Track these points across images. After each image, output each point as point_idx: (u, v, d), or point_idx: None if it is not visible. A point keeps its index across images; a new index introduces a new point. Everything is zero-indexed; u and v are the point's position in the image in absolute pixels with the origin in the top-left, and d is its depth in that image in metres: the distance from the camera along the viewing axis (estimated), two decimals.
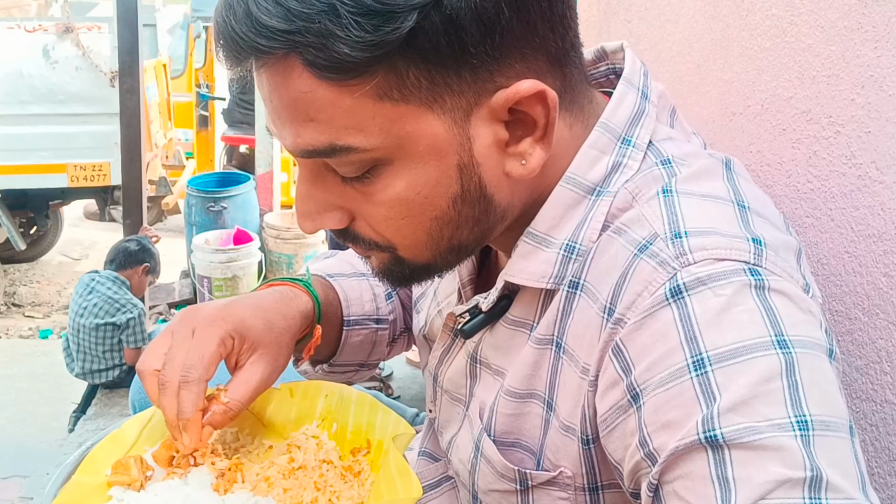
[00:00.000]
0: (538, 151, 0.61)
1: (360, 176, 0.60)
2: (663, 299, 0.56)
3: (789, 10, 0.87)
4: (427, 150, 0.59)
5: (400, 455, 0.74)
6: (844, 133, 0.78)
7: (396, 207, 0.61)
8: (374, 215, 0.63)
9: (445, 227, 0.63)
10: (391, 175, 0.60)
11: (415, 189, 0.60)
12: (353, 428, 0.81)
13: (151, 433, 0.78)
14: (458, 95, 0.57)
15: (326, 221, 0.65)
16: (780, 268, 0.57)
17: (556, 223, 0.65)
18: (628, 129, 0.66)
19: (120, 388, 3.19)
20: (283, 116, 0.59)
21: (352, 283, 0.93)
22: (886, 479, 0.74)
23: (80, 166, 4.94)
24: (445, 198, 0.61)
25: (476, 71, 0.57)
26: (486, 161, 0.61)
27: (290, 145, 0.60)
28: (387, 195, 0.61)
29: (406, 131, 0.58)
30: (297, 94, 0.56)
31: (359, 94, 0.55)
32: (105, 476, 0.72)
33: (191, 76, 6.90)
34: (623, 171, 0.65)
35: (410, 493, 0.69)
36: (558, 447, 0.67)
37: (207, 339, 0.71)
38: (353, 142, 0.57)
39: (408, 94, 0.56)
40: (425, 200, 0.61)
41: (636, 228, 0.61)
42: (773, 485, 0.48)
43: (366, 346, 0.95)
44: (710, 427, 0.51)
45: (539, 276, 0.66)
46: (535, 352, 0.67)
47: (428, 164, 0.59)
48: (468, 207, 0.62)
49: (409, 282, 0.70)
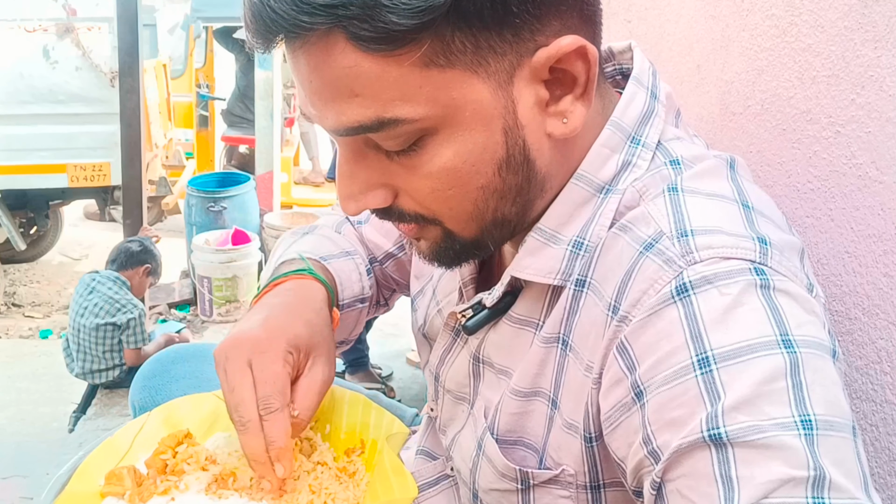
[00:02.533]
0: (579, 108, 0.61)
1: (406, 150, 0.60)
2: (669, 297, 0.56)
3: (789, 10, 0.87)
4: (473, 115, 0.58)
5: (395, 455, 0.74)
6: (844, 133, 0.78)
7: (444, 178, 0.60)
8: (420, 188, 0.62)
9: (491, 197, 0.62)
10: (438, 145, 0.59)
11: (462, 157, 0.59)
12: (346, 429, 0.81)
13: (144, 441, 0.78)
14: (501, 57, 0.57)
15: (371, 201, 0.63)
16: (785, 267, 0.57)
17: (565, 220, 0.65)
18: (638, 128, 0.66)
19: (120, 388, 3.18)
20: (324, 96, 0.58)
21: (342, 265, 0.92)
22: (886, 479, 0.74)
23: (80, 166, 4.94)
24: (492, 164, 0.60)
25: (518, 31, 0.57)
26: (529, 123, 0.60)
27: (334, 124, 0.59)
28: (434, 166, 0.60)
29: (452, 98, 0.57)
30: (340, 70, 0.55)
31: (406, 64, 0.55)
32: (99, 485, 0.72)
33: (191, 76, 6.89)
34: (632, 170, 0.65)
35: (406, 492, 0.69)
36: (561, 445, 0.67)
37: (270, 364, 0.69)
38: (400, 113, 0.57)
39: (454, 60, 0.56)
40: (472, 168, 0.60)
41: (642, 226, 0.61)
42: (776, 484, 0.48)
43: (351, 325, 0.95)
44: (714, 425, 0.51)
45: (546, 271, 0.66)
46: (541, 350, 0.67)
47: (474, 131, 0.59)
48: (512, 174, 0.62)
49: (459, 260, 0.69)
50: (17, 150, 4.83)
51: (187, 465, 0.73)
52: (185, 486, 0.71)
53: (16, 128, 4.79)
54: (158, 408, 0.81)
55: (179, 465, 0.73)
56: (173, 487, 0.70)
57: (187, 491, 0.70)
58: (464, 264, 0.72)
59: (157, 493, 0.70)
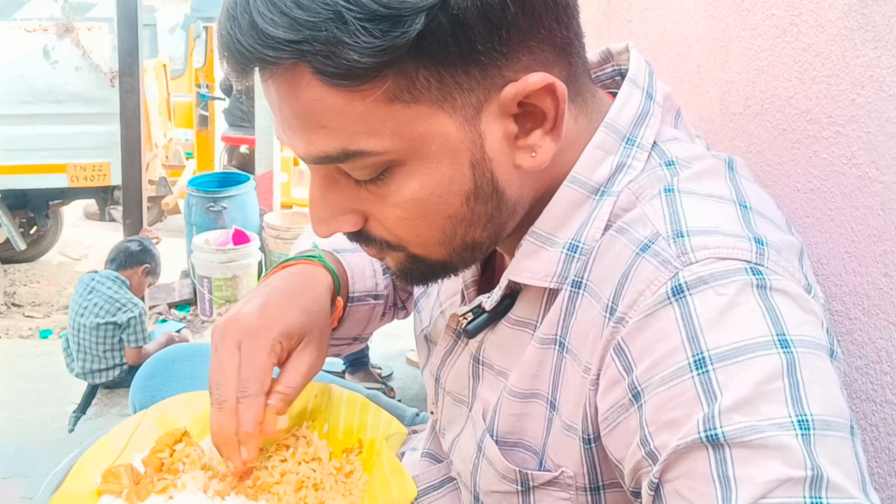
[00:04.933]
0: (548, 143, 0.61)
1: (374, 178, 0.61)
2: (665, 298, 0.56)
3: (789, 10, 0.87)
4: (439, 149, 0.59)
5: (393, 455, 0.74)
6: (844, 133, 0.78)
7: (411, 208, 0.61)
8: (388, 216, 0.63)
9: (459, 226, 0.63)
10: (405, 176, 0.60)
11: (428, 189, 0.60)
12: (344, 428, 0.81)
13: (140, 439, 0.78)
14: (467, 93, 0.57)
15: (341, 225, 0.65)
16: (781, 267, 0.57)
17: (561, 223, 0.66)
18: (633, 129, 0.66)
19: (120, 387, 3.18)
20: (293, 125, 0.59)
21: (356, 259, 0.93)
22: (886, 479, 0.74)
23: (80, 166, 4.94)
24: (459, 196, 0.61)
25: (485, 67, 0.57)
26: (497, 156, 0.61)
27: (303, 153, 0.60)
28: (401, 196, 0.61)
29: (418, 132, 0.58)
30: (306, 102, 0.56)
31: (369, 100, 0.55)
32: (95, 484, 0.71)
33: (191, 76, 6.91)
34: (627, 171, 0.65)
35: (405, 493, 0.69)
36: (560, 447, 0.67)
37: (258, 351, 0.71)
38: (365, 146, 0.57)
39: (418, 96, 0.56)
40: (440, 199, 0.61)
41: (638, 227, 0.61)
42: (773, 484, 0.48)
43: (363, 321, 0.95)
44: (711, 426, 0.51)
45: (542, 275, 0.66)
46: (538, 351, 0.67)
47: (441, 164, 0.59)
48: (481, 204, 0.62)
49: (426, 279, 0.70)
50: (17, 150, 4.84)
51: (182, 463, 0.72)
52: (183, 485, 0.71)
53: (16, 128, 4.79)
54: (153, 406, 0.81)
55: (176, 463, 0.73)
56: (171, 486, 0.70)
57: (185, 489, 0.70)
58: (462, 270, 0.72)
59: (155, 492, 0.70)
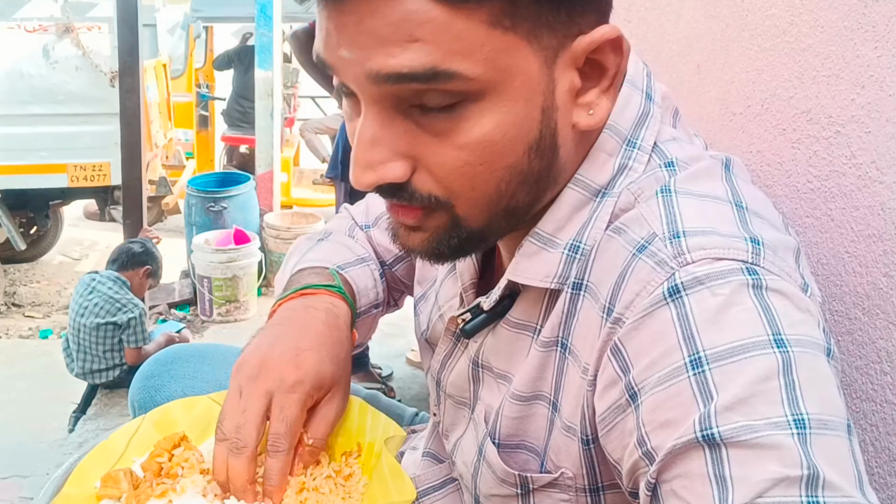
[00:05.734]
0: (605, 102, 0.62)
1: (447, 110, 0.58)
2: (661, 299, 0.56)
3: (789, 10, 0.87)
4: (520, 87, 0.58)
5: (392, 457, 0.74)
6: (844, 133, 0.78)
7: (478, 151, 0.59)
8: (447, 161, 0.59)
9: (514, 179, 0.61)
10: (480, 113, 0.58)
11: (501, 130, 0.59)
12: (342, 432, 0.81)
13: (139, 443, 0.77)
14: (551, 35, 0.58)
15: (390, 172, 0.60)
16: (778, 267, 0.57)
17: (562, 225, 0.66)
18: (633, 131, 0.66)
19: (120, 388, 3.18)
20: (377, 36, 0.55)
21: (358, 273, 0.92)
22: (886, 479, 0.74)
23: (80, 166, 4.94)
24: (524, 143, 0.60)
25: (570, 12, 0.58)
26: (561, 107, 0.61)
27: (378, 68, 0.56)
28: (472, 136, 0.58)
29: (507, 64, 0.57)
30: (405, 12, 0.54)
31: (473, 20, 0.55)
32: (94, 488, 0.71)
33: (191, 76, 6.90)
34: (628, 173, 0.65)
35: (404, 495, 0.69)
36: (560, 448, 0.67)
37: (292, 406, 0.70)
38: (458, 67, 0.55)
39: (516, 25, 0.56)
40: (508, 144, 0.59)
41: (635, 228, 0.61)
42: (769, 483, 0.48)
43: (365, 331, 0.96)
44: (707, 425, 0.51)
45: (543, 275, 0.66)
46: (541, 355, 0.67)
47: (518, 103, 0.59)
48: (538, 158, 0.61)
49: (456, 254, 0.67)
50: (17, 150, 4.83)
51: (181, 468, 0.72)
52: (182, 489, 0.70)
53: (16, 128, 4.78)
54: (152, 411, 0.81)
55: (175, 468, 0.72)
56: (170, 490, 0.70)
57: (184, 494, 0.70)
58: (460, 260, 0.71)
59: (154, 496, 0.69)
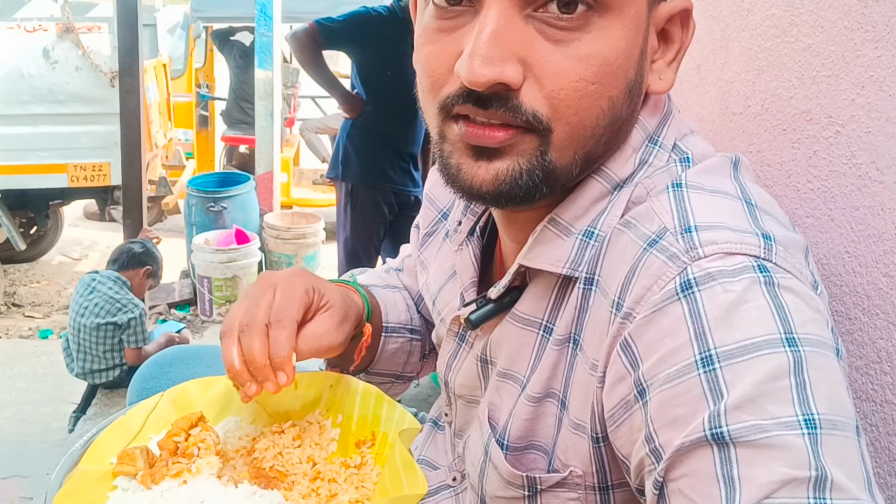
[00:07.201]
0: (669, 73, 0.65)
1: (569, 22, 0.58)
2: (673, 294, 0.56)
3: (789, 10, 0.87)
4: (634, 17, 0.60)
5: (406, 450, 0.74)
6: (844, 133, 0.78)
7: (595, 65, 0.59)
8: (563, 72, 0.58)
9: (608, 115, 0.61)
10: (601, 28, 0.59)
11: (616, 49, 0.60)
12: (358, 419, 0.81)
13: (156, 421, 0.78)
14: None
15: (506, 70, 0.58)
16: (789, 264, 0.57)
17: (580, 214, 0.66)
18: (657, 129, 0.68)
19: (120, 388, 3.18)
20: None
21: (388, 294, 0.96)
22: (887, 480, 0.74)
23: (80, 166, 4.93)
24: (626, 78, 0.62)
25: None
26: (647, 61, 0.64)
27: None
28: (593, 48, 0.59)
29: None
30: None
31: None
32: (110, 464, 0.72)
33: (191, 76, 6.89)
34: (646, 169, 0.66)
35: (416, 489, 0.68)
36: (569, 446, 0.67)
37: (294, 288, 0.74)
38: None
39: None
40: (620, 69, 0.60)
41: (645, 222, 0.61)
42: (777, 484, 0.48)
43: (401, 356, 0.96)
44: (716, 424, 0.50)
45: (555, 260, 0.66)
46: (555, 353, 0.67)
47: (629, 31, 0.60)
48: (628, 102, 0.63)
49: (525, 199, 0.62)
50: (17, 150, 4.83)
51: (198, 448, 0.73)
52: (198, 470, 0.71)
53: (16, 128, 4.78)
54: (170, 389, 0.82)
55: (191, 448, 0.73)
56: (185, 470, 0.70)
57: (199, 475, 0.70)
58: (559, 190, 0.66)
59: (170, 476, 0.70)
